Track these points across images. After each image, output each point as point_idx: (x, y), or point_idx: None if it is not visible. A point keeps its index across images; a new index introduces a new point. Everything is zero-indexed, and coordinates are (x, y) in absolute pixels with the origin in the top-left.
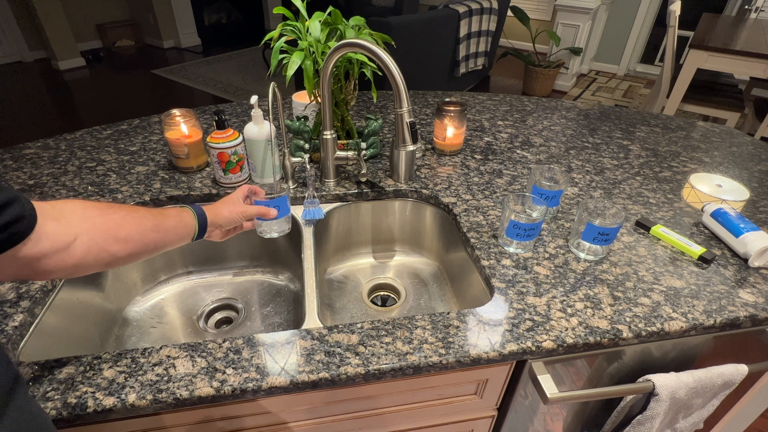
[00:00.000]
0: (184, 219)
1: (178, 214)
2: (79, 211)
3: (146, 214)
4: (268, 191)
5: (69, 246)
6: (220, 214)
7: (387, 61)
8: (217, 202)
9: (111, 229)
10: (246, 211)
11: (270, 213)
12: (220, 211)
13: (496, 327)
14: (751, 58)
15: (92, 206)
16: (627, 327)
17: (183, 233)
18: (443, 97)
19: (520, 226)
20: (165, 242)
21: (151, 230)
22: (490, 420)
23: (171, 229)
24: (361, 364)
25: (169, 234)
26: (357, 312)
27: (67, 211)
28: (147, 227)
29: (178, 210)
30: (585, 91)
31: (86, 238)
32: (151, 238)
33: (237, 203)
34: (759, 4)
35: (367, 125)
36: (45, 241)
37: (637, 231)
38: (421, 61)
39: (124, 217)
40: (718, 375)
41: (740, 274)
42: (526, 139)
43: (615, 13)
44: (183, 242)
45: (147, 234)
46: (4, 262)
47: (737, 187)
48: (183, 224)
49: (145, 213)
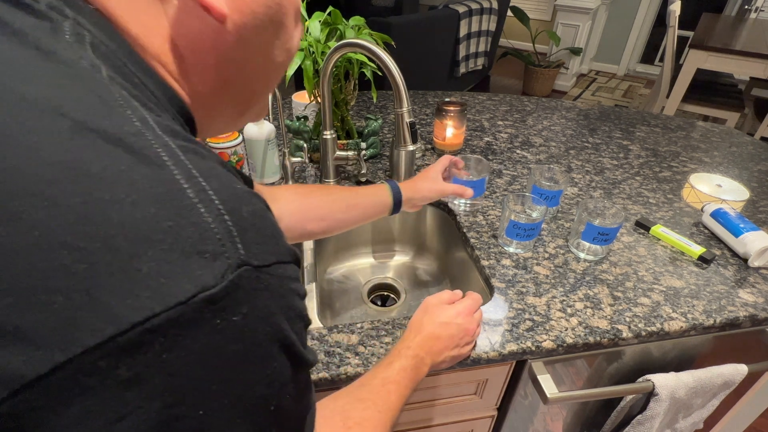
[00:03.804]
0: (379, 197)
1: (374, 193)
2: (286, 196)
3: (340, 195)
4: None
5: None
6: (419, 191)
7: (387, 61)
8: (417, 176)
9: (308, 210)
10: (444, 190)
11: (467, 193)
12: (419, 189)
13: (496, 327)
14: (751, 58)
15: (297, 191)
16: (627, 327)
17: (378, 209)
18: (443, 97)
19: (519, 226)
20: (360, 218)
21: (343, 210)
22: (489, 420)
23: (367, 206)
24: (361, 364)
25: (366, 211)
26: (357, 312)
27: (278, 195)
28: (340, 207)
29: (375, 188)
30: (585, 91)
31: (287, 220)
32: (343, 217)
33: (436, 180)
34: (759, 4)
35: (367, 125)
36: None
37: (637, 231)
38: (421, 61)
39: (320, 199)
40: (717, 375)
41: (740, 274)
42: (526, 139)
43: (615, 13)
44: (379, 216)
45: (338, 213)
46: None
47: (737, 187)
48: (378, 202)
49: (339, 195)
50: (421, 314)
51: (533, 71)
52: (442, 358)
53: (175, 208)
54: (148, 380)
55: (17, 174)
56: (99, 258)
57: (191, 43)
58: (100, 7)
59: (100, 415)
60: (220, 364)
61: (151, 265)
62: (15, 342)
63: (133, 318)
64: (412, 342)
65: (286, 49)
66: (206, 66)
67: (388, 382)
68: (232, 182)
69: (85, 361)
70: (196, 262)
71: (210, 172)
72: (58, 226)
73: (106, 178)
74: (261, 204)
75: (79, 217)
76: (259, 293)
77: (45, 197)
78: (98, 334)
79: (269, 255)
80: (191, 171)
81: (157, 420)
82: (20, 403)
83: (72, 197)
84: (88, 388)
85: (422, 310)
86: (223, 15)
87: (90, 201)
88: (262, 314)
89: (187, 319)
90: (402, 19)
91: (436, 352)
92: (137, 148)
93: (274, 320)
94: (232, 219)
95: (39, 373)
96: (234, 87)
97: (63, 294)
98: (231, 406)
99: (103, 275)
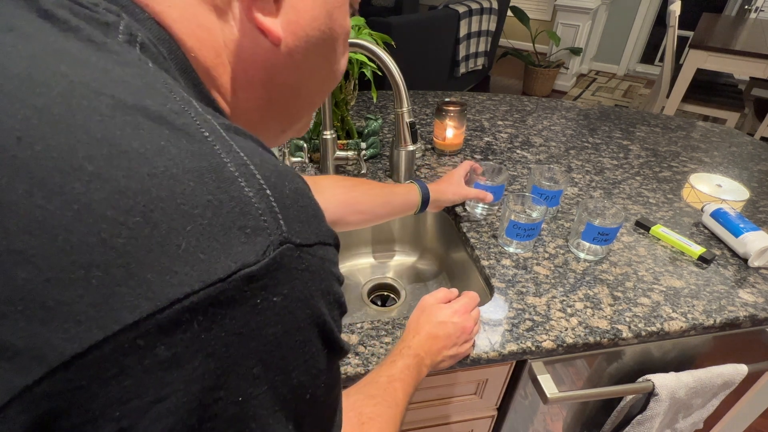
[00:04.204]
0: (410, 196)
1: (406, 192)
2: (331, 188)
3: (380, 191)
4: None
5: None
6: (444, 195)
7: (387, 61)
8: (442, 180)
9: (351, 204)
10: (467, 194)
11: (487, 198)
12: (444, 192)
13: (496, 327)
14: (751, 58)
15: (341, 183)
16: (627, 327)
17: (407, 208)
18: (443, 97)
19: (519, 226)
20: (391, 214)
21: (381, 205)
22: (489, 420)
23: (398, 204)
24: (361, 364)
25: (396, 208)
26: (357, 312)
27: (323, 185)
28: (378, 203)
29: (407, 188)
30: (585, 91)
31: (331, 211)
32: (379, 212)
33: (460, 185)
34: (759, 4)
35: (367, 125)
36: None
37: (637, 231)
38: (421, 61)
39: (363, 193)
40: (717, 375)
41: (740, 274)
42: (526, 139)
43: (615, 13)
44: (406, 213)
45: (377, 209)
46: None
47: (737, 187)
48: (408, 201)
49: (379, 190)
50: (418, 314)
51: (533, 71)
52: (441, 358)
53: (215, 182)
54: (188, 361)
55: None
56: (138, 232)
57: (243, 62)
58: (157, 18)
59: (138, 397)
60: (260, 347)
61: (190, 240)
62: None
63: (171, 295)
64: (411, 342)
65: (333, 71)
66: (254, 84)
67: (394, 379)
68: (274, 161)
69: (123, 340)
70: (236, 237)
71: (252, 150)
72: (98, 201)
73: (145, 153)
74: (303, 183)
75: (119, 191)
76: (300, 274)
77: (85, 172)
78: (137, 311)
79: (311, 234)
80: (232, 146)
81: (197, 403)
82: (58, 383)
83: (112, 171)
84: (127, 368)
85: (419, 310)
86: (279, 39)
87: (129, 175)
88: (302, 296)
89: (226, 297)
90: (402, 19)
91: (435, 351)
92: (178, 125)
93: (314, 303)
94: (274, 195)
95: (77, 351)
96: (279, 105)
97: (102, 269)
98: (270, 393)
99: (142, 250)
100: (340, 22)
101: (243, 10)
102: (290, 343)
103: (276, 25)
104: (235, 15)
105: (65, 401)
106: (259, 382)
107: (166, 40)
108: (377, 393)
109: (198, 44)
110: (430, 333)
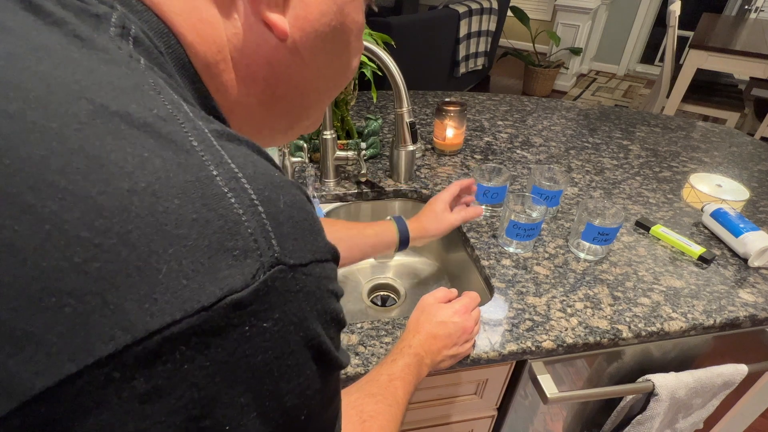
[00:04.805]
0: (383, 237)
1: (377, 234)
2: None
3: (357, 234)
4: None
5: None
6: (426, 232)
7: (387, 61)
8: (423, 213)
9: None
10: (452, 224)
11: (477, 214)
12: (426, 229)
13: (496, 327)
14: (751, 58)
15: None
16: (627, 327)
17: (380, 249)
18: (443, 97)
19: (519, 226)
20: (367, 256)
21: (359, 250)
22: (490, 420)
23: (368, 247)
24: (361, 364)
25: (366, 251)
26: (357, 312)
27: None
28: (356, 247)
29: (382, 228)
30: (585, 91)
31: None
32: (356, 256)
33: (442, 218)
34: (759, 4)
35: (367, 125)
36: None
37: (637, 231)
38: (421, 61)
39: (340, 240)
40: (717, 375)
41: (740, 274)
42: (526, 139)
43: (615, 13)
44: (383, 253)
45: (354, 252)
46: None
47: (737, 187)
48: (381, 242)
49: (356, 233)
50: (418, 314)
51: (533, 71)
52: (441, 357)
53: (202, 198)
54: (170, 393)
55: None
56: (114, 256)
57: (246, 57)
58: (156, 10)
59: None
60: (248, 375)
61: (171, 264)
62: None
63: (150, 325)
64: (412, 341)
65: (345, 68)
66: (257, 79)
67: (394, 378)
68: (270, 170)
69: (98, 373)
70: (223, 260)
71: (245, 159)
72: (71, 220)
73: (125, 166)
74: (301, 195)
75: (94, 210)
76: (293, 296)
77: (58, 188)
78: (111, 342)
79: (306, 252)
80: (223, 157)
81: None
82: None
83: (87, 187)
84: (103, 401)
85: (419, 310)
86: (286, 34)
87: (106, 191)
88: (295, 319)
89: (211, 326)
90: (402, 19)
91: (435, 351)
92: (164, 133)
93: (308, 325)
94: (267, 211)
95: (47, 385)
96: (285, 102)
97: (74, 296)
98: (260, 420)
99: (119, 275)
100: (352, 17)
101: (249, 4)
102: (281, 369)
103: (282, 20)
104: (239, 9)
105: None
106: (248, 409)
107: (164, 33)
108: (378, 391)
109: (199, 39)
110: (430, 332)
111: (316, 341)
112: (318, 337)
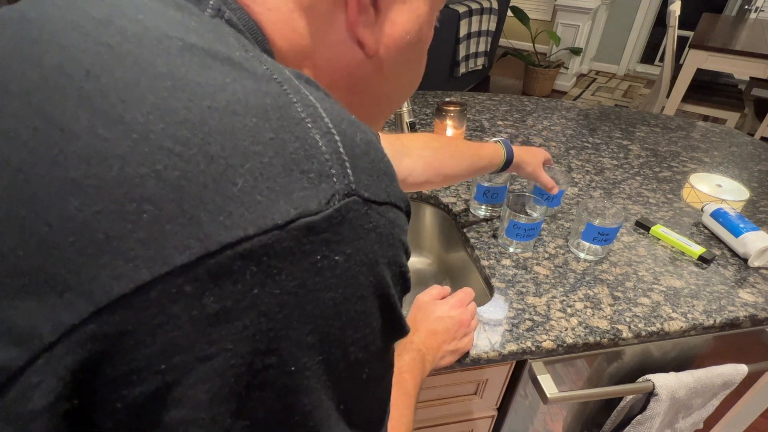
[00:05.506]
0: (494, 160)
1: (491, 156)
2: (418, 149)
3: (467, 154)
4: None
5: (404, 180)
6: (524, 167)
7: None
8: (528, 151)
9: (438, 168)
10: (541, 175)
11: (554, 189)
12: (526, 164)
13: (496, 327)
14: (751, 58)
15: (428, 145)
16: (627, 327)
17: (489, 170)
18: (443, 97)
19: (519, 226)
20: (474, 175)
21: (466, 169)
22: (490, 420)
23: (481, 168)
24: None
25: (479, 171)
26: None
27: (410, 146)
28: (464, 167)
29: (493, 150)
30: (585, 91)
31: (418, 174)
32: (463, 175)
33: (539, 166)
34: (759, 4)
35: None
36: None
37: (637, 231)
38: None
39: (450, 157)
40: (717, 375)
41: (740, 274)
42: (526, 139)
43: (615, 13)
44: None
45: (462, 173)
46: None
47: (737, 187)
48: (491, 165)
49: (466, 153)
50: (414, 312)
51: (533, 71)
52: (442, 353)
53: (279, 120)
54: (238, 317)
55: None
56: (193, 166)
57: (330, 67)
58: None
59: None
60: (316, 312)
61: (247, 178)
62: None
63: (223, 238)
64: (413, 338)
65: (417, 78)
66: (339, 88)
67: (403, 371)
68: (346, 112)
69: (170, 284)
70: (298, 182)
71: (323, 98)
72: (156, 131)
73: (208, 88)
74: (377, 138)
75: (177, 122)
76: (366, 234)
77: (146, 103)
78: (186, 252)
79: (382, 192)
80: (302, 89)
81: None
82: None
83: (172, 103)
84: (174, 317)
85: (415, 308)
86: (375, 51)
87: (189, 107)
88: (367, 260)
89: (283, 248)
90: None
91: (435, 347)
92: (247, 66)
93: (378, 270)
94: (344, 141)
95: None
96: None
97: (153, 203)
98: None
99: (196, 185)
100: (426, 32)
101: (346, 23)
102: (350, 313)
103: (373, 38)
104: (336, 26)
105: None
106: (314, 352)
107: (254, 30)
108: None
109: (287, 45)
110: (428, 329)
111: (385, 291)
112: (387, 288)
